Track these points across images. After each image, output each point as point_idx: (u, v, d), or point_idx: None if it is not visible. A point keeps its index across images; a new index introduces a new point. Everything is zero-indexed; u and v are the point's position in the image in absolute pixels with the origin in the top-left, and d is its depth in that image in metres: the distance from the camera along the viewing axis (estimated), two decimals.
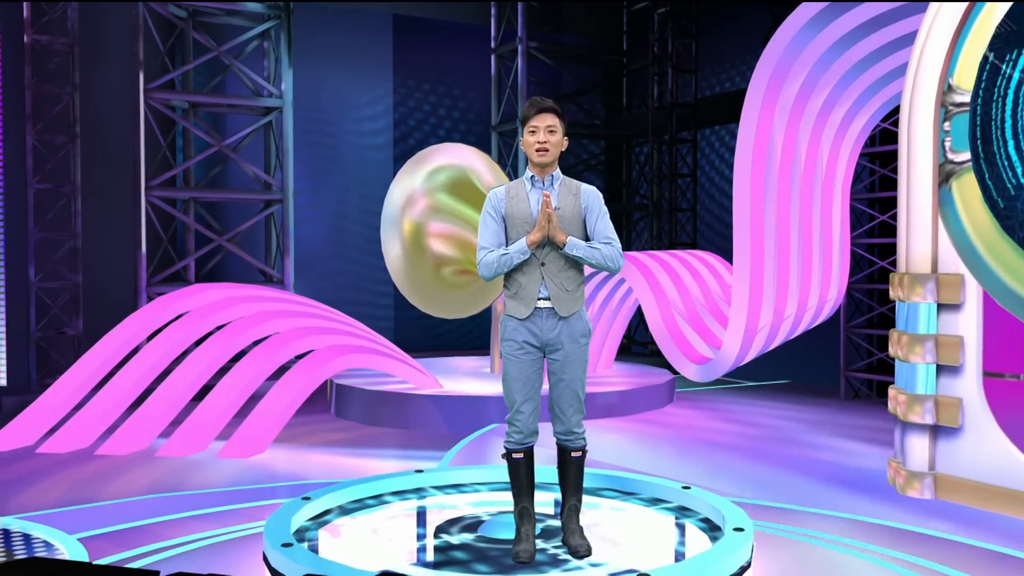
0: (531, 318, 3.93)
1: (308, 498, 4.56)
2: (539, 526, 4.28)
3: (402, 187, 8.39)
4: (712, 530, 4.33)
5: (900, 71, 6.86)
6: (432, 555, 4.08)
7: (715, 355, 7.90)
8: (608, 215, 4.00)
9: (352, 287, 13.02)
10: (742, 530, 4.02)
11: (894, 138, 8.94)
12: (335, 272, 12.91)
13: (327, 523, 4.47)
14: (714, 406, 9.22)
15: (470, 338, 13.66)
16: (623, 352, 12.24)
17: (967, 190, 5.35)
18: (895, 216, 6.10)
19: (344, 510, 4.66)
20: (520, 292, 3.94)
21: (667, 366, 9.78)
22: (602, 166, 14.58)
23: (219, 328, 7.57)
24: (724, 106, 12.19)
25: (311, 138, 12.70)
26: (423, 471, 5.19)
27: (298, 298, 8.49)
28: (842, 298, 8.67)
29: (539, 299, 3.92)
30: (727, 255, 8.73)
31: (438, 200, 8.28)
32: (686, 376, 8.25)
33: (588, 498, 4.66)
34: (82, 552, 4.47)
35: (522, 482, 3.97)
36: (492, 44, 13.07)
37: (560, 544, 4.08)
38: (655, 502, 4.79)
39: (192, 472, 6.29)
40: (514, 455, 3.95)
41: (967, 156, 5.32)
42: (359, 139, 13.27)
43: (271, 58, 10.41)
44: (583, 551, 3.92)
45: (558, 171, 4.00)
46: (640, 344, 13.14)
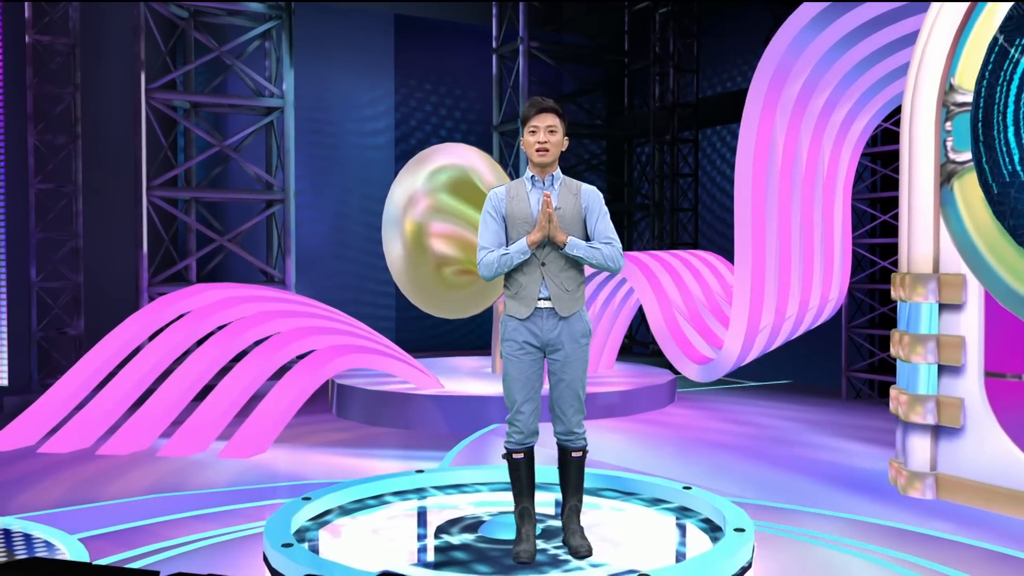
0: (531, 318, 3.92)
1: (308, 498, 4.56)
2: (540, 526, 4.28)
3: (403, 187, 8.39)
4: (713, 530, 4.32)
5: (902, 71, 6.85)
6: (432, 555, 4.08)
7: (716, 355, 7.89)
8: (608, 215, 3.99)
9: (353, 287, 13.02)
10: (743, 530, 4.02)
11: (896, 138, 8.93)
12: (336, 272, 12.91)
13: (327, 523, 4.47)
14: (715, 406, 9.21)
15: (471, 338, 13.66)
16: (624, 352, 12.23)
17: (969, 190, 5.34)
18: (897, 216, 6.10)
19: (345, 510, 4.66)
20: (520, 292, 3.93)
21: (668, 366, 9.77)
22: (603, 166, 14.57)
23: (220, 328, 7.57)
24: (725, 106, 12.18)
25: (312, 138, 12.70)
26: (424, 471, 5.18)
27: (299, 298, 8.49)
28: (843, 298, 8.66)
29: (539, 299, 3.91)
30: (728, 255, 8.72)
31: (439, 200, 8.28)
32: (687, 376, 8.24)
33: (589, 498, 4.65)
34: (83, 552, 4.47)
35: (522, 482, 3.97)
36: (493, 44, 13.07)
37: (561, 544, 4.08)
38: (656, 502, 4.79)
39: (193, 472, 6.29)
40: (514, 455, 3.95)
41: (968, 156, 5.31)
42: (360, 139, 13.27)
43: (272, 58, 10.41)
44: (584, 551, 3.92)
45: (558, 171, 3.99)
46: (641, 344, 13.14)
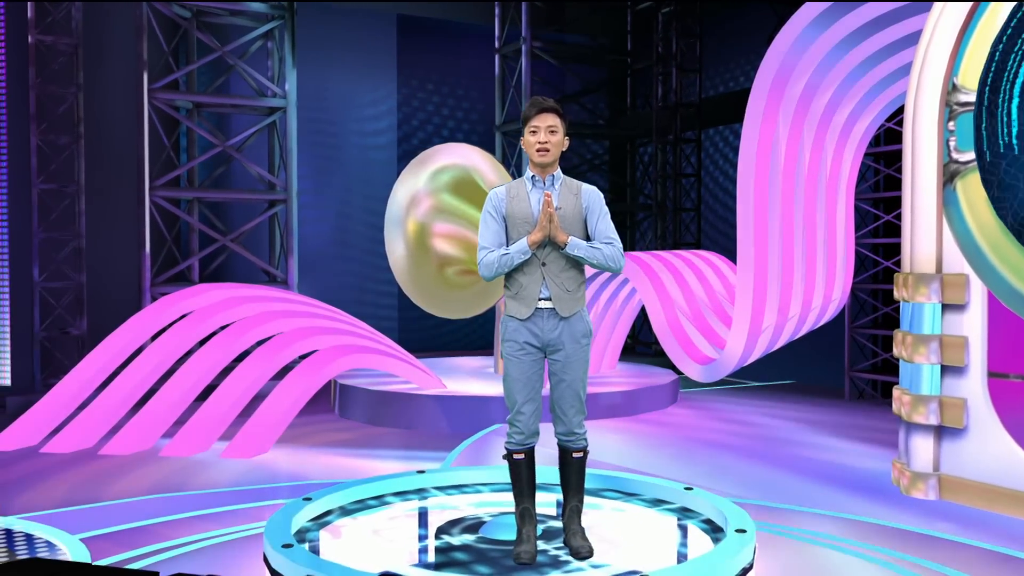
0: (532, 318, 3.91)
1: (309, 499, 4.55)
2: (540, 527, 4.27)
3: (406, 187, 8.39)
4: (714, 531, 4.31)
5: (904, 70, 6.83)
6: (433, 556, 4.08)
7: (719, 355, 7.87)
8: (609, 215, 3.99)
9: (356, 287, 13.02)
10: (744, 531, 4.01)
11: (899, 138, 8.91)
12: (339, 272, 12.91)
13: (328, 524, 4.47)
14: (718, 406, 9.20)
15: (474, 338, 13.65)
16: (627, 352, 12.21)
17: (972, 190, 5.32)
18: (900, 216, 6.07)
19: (345, 511, 4.66)
20: (521, 292, 3.93)
21: (671, 366, 9.76)
22: (606, 166, 14.56)
23: (223, 328, 7.57)
24: (728, 106, 12.16)
25: (315, 138, 12.70)
26: (425, 472, 5.18)
27: (302, 298, 8.49)
28: (846, 298, 8.65)
29: (540, 299, 3.90)
30: (731, 255, 8.71)
31: (442, 200, 8.28)
32: (690, 376, 8.23)
33: (590, 499, 4.64)
34: (84, 552, 4.47)
35: (523, 483, 3.97)
36: (496, 44, 13.06)
37: (561, 545, 4.08)
38: (657, 503, 4.78)
39: (195, 472, 6.29)
40: (515, 456, 3.94)
41: (972, 156, 5.29)
42: (363, 139, 13.27)
43: (275, 58, 10.42)
44: (584, 552, 3.91)
45: (559, 171, 3.99)
46: (644, 344, 13.13)
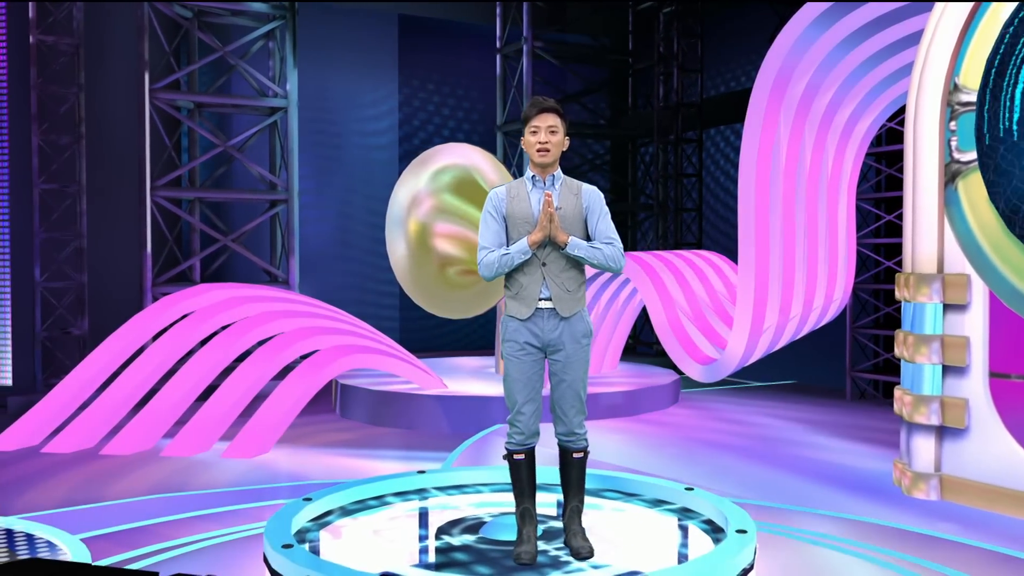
0: (532, 319, 3.91)
1: (309, 499, 4.55)
2: (541, 527, 4.27)
3: (407, 187, 8.38)
4: (715, 532, 4.31)
5: (906, 70, 6.82)
6: (433, 556, 4.07)
7: (720, 355, 7.87)
8: (609, 215, 3.98)
9: (357, 287, 13.02)
10: (745, 532, 4.00)
11: (900, 137, 8.90)
12: (340, 272, 12.91)
13: (328, 524, 4.47)
14: (719, 407, 9.19)
15: (475, 338, 13.65)
16: (628, 352, 12.21)
17: (973, 190, 5.32)
18: (901, 216, 6.07)
19: (346, 511, 4.65)
20: (521, 292, 3.92)
21: (672, 366, 9.75)
22: (607, 166, 14.56)
23: (224, 328, 7.57)
24: (730, 106, 12.16)
25: (316, 138, 12.71)
26: (425, 472, 5.18)
27: (303, 298, 8.49)
28: (848, 298, 8.64)
29: (540, 299, 3.90)
30: (732, 255, 8.70)
31: (443, 200, 8.27)
32: (691, 376, 8.23)
33: (590, 499, 4.64)
34: (85, 553, 4.47)
35: (524, 483, 3.96)
36: (497, 44, 13.05)
37: (562, 545, 4.07)
38: (657, 503, 4.77)
39: (196, 472, 6.29)
40: (515, 456, 3.94)
41: (973, 156, 5.29)
42: (364, 139, 13.27)
43: (276, 58, 10.42)
44: (585, 553, 3.90)
45: (559, 171, 3.99)
46: (645, 344, 13.12)
